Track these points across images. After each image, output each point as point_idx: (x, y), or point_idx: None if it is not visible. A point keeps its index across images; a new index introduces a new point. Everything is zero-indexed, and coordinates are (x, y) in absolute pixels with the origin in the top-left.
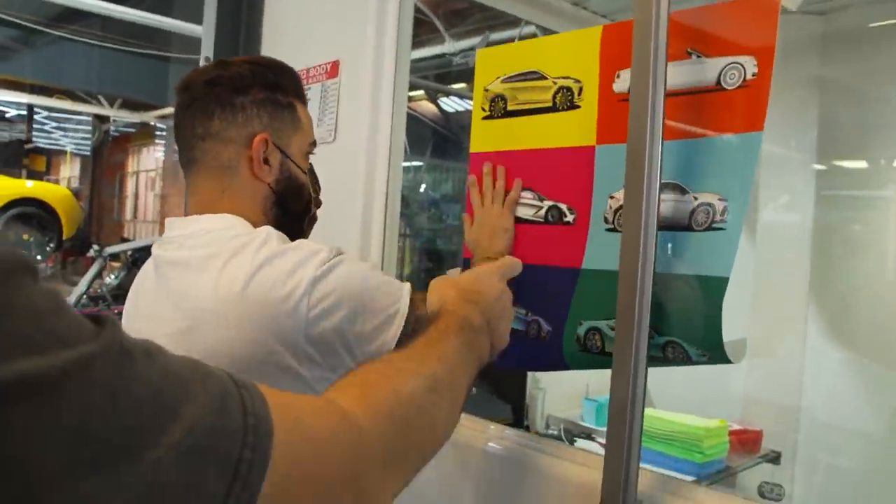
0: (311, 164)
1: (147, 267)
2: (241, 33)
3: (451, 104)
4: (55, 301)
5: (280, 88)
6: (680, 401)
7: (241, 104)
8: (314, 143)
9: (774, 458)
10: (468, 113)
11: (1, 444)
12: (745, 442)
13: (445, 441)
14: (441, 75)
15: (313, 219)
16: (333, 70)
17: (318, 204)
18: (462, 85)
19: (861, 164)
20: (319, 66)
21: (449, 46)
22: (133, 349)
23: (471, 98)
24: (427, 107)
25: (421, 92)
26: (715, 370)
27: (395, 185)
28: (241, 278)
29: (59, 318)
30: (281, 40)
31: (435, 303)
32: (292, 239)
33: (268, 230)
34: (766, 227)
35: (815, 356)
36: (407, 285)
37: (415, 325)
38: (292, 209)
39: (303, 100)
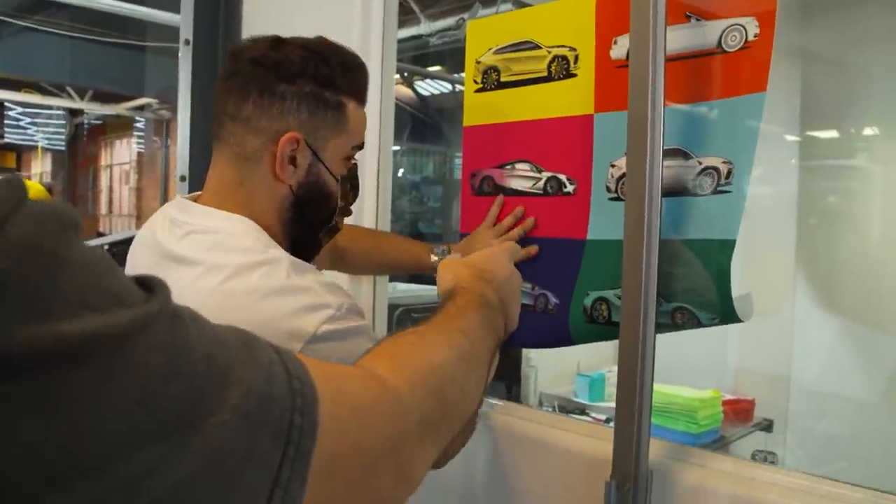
0: (353, 170)
1: (144, 238)
2: (221, 14)
3: (427, 87)
4: (107, 260)
5: (332, 85)
6: (672, 373)
7: (281, 93)
8: (359, 147)
9: (767, 427)
10: (445, 96)
11: (71, 411)
12: (739, 411)
13: (472, 414)
14: (417, 58)
15: (334, 229)
16: None
17: (347, 213)
18: (438, 68)
19: (843, 134)
20: None
21: (425, 28)
22: (182, 313)
23: (447, 80)
24: (403, 91)
25: (396, 76)
26: (705, 342)
27: (385, 166)
28: (237, 301)
29: (113, 277)
30: (263, 20)
31: (449, 281)
32: (304, 248)
33: (280, 255)
34: (751, 198)
35: (803, 325)
36: None
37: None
38: (311, 217)
39: (359, 99)
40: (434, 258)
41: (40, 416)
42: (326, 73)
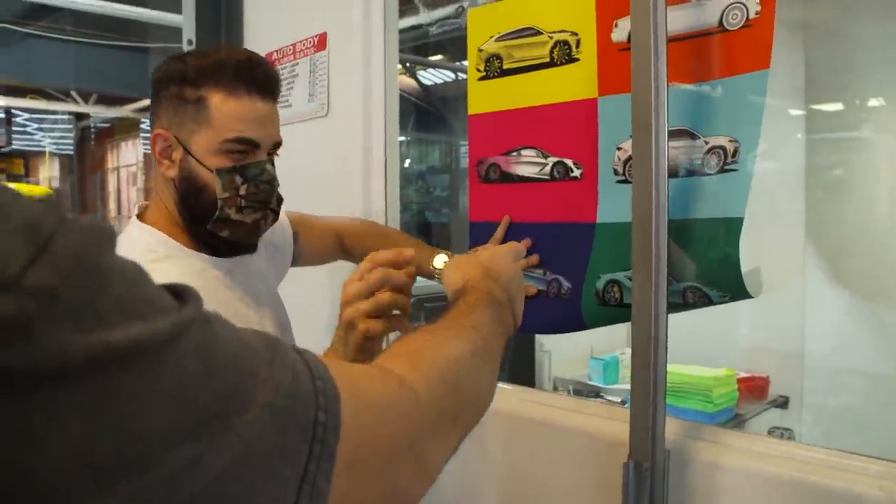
0: (253, 165)
1: None
2: (223, 11)
3: (430, 77)
4: (141, 270)
5: (189, 82)
6: (685, 352)
7: (159, 99)
8: (240, 141)
9: (783, 403)
10: (447, 85)
11: (117, 414)
12: (753, 389)
13: (488, 407)
14: (418, 48)
15: (229, 221)
16: (321, 43)
17: (241, 206)
18: (439, 57)
19: (848, 106)
20: (306, 39)
21: (424, 17)
22: (211, 318)
23: (450, 69)
24: (406, 81)
25: (399, 66)
26: (718, 320)
27: (392, 154)
28: None
29: (149, 286)
30: (265, 15)
31: (458, 280)
32: (204, 241)
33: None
34: (759, 174)
35: (815, 299)
36: None
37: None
38: (194, 211)
39: (230, 91)
40: (432, 267)
41: (90, 419)
42: (182, 73)
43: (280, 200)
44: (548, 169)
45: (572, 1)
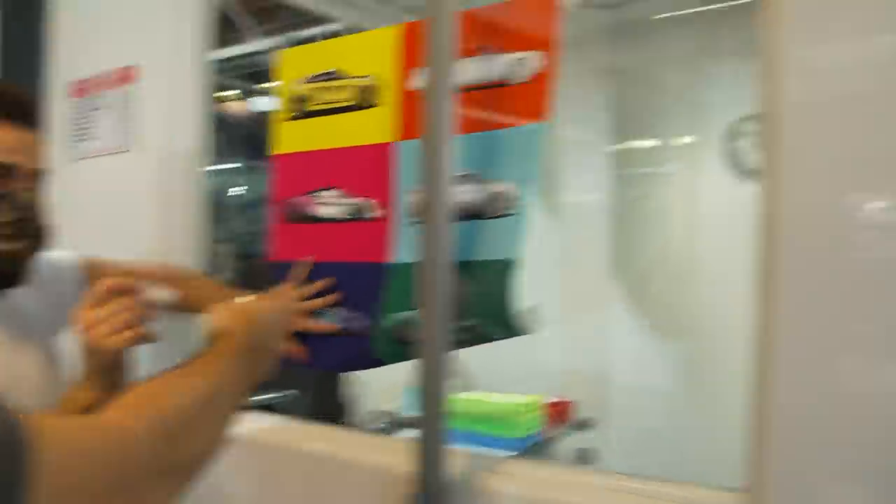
0: (5, 194)
1: None
2: (26, 37)
3: (265, 104)
4: None
5: None
6: (497, 380)
7: None
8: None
9: (586, 426)
10: None
11: None
12: (560, 413)
13: (218, 450)
14: (254, 74)
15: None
16: (130, 75)
17: (4, 235)
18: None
19: (651, 144)
20: (115, 71)
21: (258, 45)
22: None
23: None
24: (241, 107)
25: (236, 92)
26: (531, 348)
27: (200, 190)
28: None
29: None
30: (71, 45)
31: (216, 322)
32: None
33: None
34: (569, 207)
35: (618, 325)
36: None
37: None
38: None
39: None
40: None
41: None
42: None
43: (43, 229)
44: (348, 209)
45: (375, 48)
